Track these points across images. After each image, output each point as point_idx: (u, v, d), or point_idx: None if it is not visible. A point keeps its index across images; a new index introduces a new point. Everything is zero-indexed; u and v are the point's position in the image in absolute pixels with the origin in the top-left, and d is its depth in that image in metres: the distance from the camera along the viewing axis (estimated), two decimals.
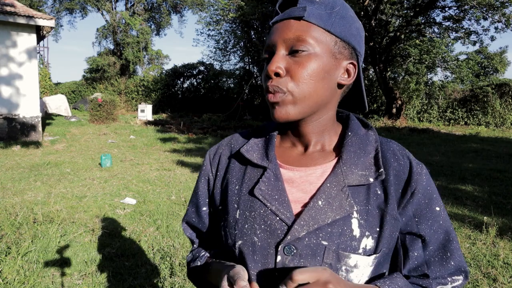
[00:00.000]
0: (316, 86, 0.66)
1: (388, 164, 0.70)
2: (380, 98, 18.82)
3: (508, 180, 6.06)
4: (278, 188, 0.69)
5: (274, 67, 0.65)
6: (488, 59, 26.08)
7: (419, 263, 0.69)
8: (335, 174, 0.68)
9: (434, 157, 8.31)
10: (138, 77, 24.22)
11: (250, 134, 0.82)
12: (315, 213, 0.65)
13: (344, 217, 0.65)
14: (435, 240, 0.69)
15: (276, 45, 0.67)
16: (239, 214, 0.71)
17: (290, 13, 0.67)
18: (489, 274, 2.93)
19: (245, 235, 0.69)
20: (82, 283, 2.74)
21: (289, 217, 0.66)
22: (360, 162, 0.69)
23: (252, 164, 0.75)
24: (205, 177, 0.82)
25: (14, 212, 4.12)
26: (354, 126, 0.74)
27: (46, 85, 19.66)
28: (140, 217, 4.19)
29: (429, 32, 17.12)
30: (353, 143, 0.71)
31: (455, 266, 0.69)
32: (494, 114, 16.58)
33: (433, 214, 0.69)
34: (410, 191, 0.69)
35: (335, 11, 0.67)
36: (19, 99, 9.84)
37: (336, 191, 0.66)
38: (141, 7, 28.51)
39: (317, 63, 0.65)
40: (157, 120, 16.26)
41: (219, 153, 0.82)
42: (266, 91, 0.68)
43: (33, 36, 9.83)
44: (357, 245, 0.65)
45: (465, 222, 4.11)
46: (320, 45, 0.65)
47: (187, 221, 0.88)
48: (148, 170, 6.67)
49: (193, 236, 0.88)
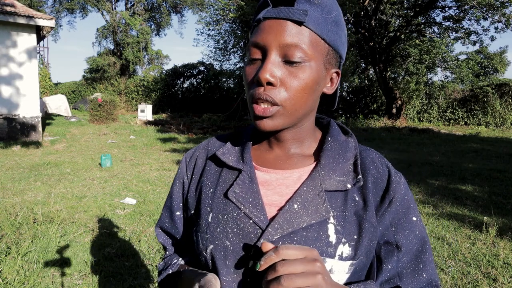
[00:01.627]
0: (307, 99, 0.64)
1: (367, 172, 0.69)
2: (380, 98, 18.82)
3: (508, 180, 6.06)
4: (252, 191, 0.67)
5: (267, 74, 0.60)
6: (488, 59, 26.10)
7: (391, 275, 0.67)
8: (313, 178, 0.66)
9: (434, 157, 8.31)
10: (138, 77, 24.22)
11: (228, 137, 0.80)
12: (290, 216, 0.63)
13: (320, 222, 0.63)
14: (409, 251, 0.67)
15: (270, 48, 0.61)
16: (212, 217, 0.69)
17: (289, 14, 0.61)
18: (489, 274, 2.93)
19: (216, 239, 0.66)
20: (82, 283, 2.74)
21: (262, 220, 0.64)
22: (338, 168, 0.67)
23: (227, 167, 0.73)
24: (180, 181, 0.80)
25: (14, 212, 4.12)
26: (334, 132, 0.73)
27: (46, 85, 19.66)
28: (140, 217, 4.19)
29: (429, 32, 17.12)
30: (332, 148, 0.70)
31: (427, 279, 0.67)
32: (494, 114, 16.59)
33: (410, 224, 0.68)
34: (388, 199, 0.67)
35: (331, 17, 0.64)
36: (19, 99, 9.84)
37: (312, 195, 0.65)
38: (141, 7, 28.52)
39: (311, 76, 0.63)
40: (157, 120, 16.26)
41: (196, 156, 0.80)
42: (253, 99, 0.63)
43: (33, 36, 9.83)
44: (333, 251, 0.63)
45: (465, 222, 4.11)
46: (316, 55, 0.63)
47: (160, 226, 0.85)
48: (148, 170, 6.67)
49: (167, 242, 0.85)
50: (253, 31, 0.66)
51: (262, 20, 0.64)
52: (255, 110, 0.63)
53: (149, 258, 3.16)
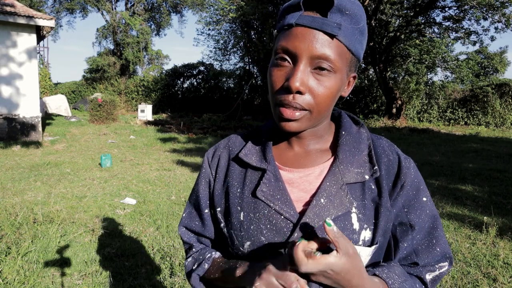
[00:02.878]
0: (330, 104, 0.69)
1: (380, 160, 0.74)
2: (380, 98, 18.81)
3: (508, 180, 6.06)
4: (279, 188, 0.71)
5: (298, 83, 0.63)
6: (488, 59, 26.10)
7: (408, 252, 0.73)
8: (333, 173, 0.71)
9: (434, 157, 8.31)
10: (138, 77, 24.21)
11: (247, 136, 0.83)
12: (319, 210, 0.68)
13: (344, 213, 0.69)
14: (422, 229, 0.73)
15: (301, 57, 0.63)
16: (243, 216, 0.73)
17: (323, 26, 0.62)
18: (489, 274, 2.93)
19: (252, 236, 0.71)
20: (82, 283, 2.74)
21: (293, 215, 0.69)
22: (355, 160, 0.72)
23: (251, 167, 0.76)
24: (206, 180, 0.83)
25: (14, 212, 4.12)
26: (346, 125, 0.77)
27: (46, 85, 19.66)
28: (140, 217, 4.19)
29: (429, 32, 17.12)
30: (347, 142, 0.74)
31: (441, 252, 0.74)
32: (494, 114, 16.58)
33: (421, 204, 0.74)
34: (400, 184, 0.73)
35: (359, 27, 0.66)
36: (19, 99, 9.84)
37: (335, 189, 0.70)
38: (141, 7, 28.50)
39: (336, 84, 0.66)
40: (157, 120, 16.26)
41: (218, 155, 0.83)
42: (282, 104, 0.66)
43: (33, 36, 9.83)
44: (357, 237, 0.69)
45: (465, 222, 4.11)
46: (342, 65, 0.66)
47: (185, 225, 0.87)
48: (148, 170, 6.67)
49: (193, 240, 0.86)
50: (281, 33, 0.67)
51: (294, 26, 0.64)
52: (283, 113, 0.66)
53: (149, 258, 3.16)
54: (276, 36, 0.69)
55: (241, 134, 0.85)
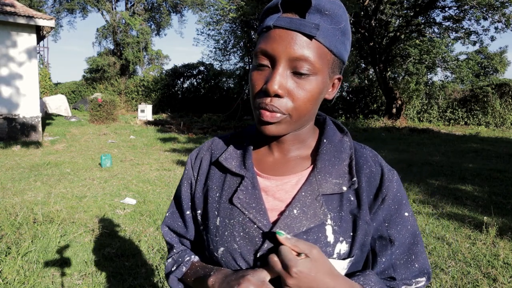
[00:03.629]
0: (312, 108, 0.66)
1: (361, 171, 0.71)
2: (380, 98, 18.81)
3: (508, 180, 6.06)
4: (255, 197, 0.70)
5: (276, 86, 0.61)
6: (488, 59, 26.11)
7: (386, 266, 0.72)
8: (310, 183, 0.69)
9: (434, 157, 8.31)
10: (138, 77, 24.21)
11: (229, 139, 0.82)
12: (290, 221, 0.67)
13: (318, 225, 0.67)
14: (402, 244, 0.71)
15: (279, 59, 0.62)
16: (219, 221, 0.72)
17: (301, 27, 0.61)
18: (489, 274, 2.93)
19: (226, 242, 0.71)
20: (82, 283, 2.74)
21: (265, 224, 0.68)
22: (334, 170, 0.70)
23: (231, 172, 0.75)
24: (188, 181, 0.82)
25: (14, 212, 4.12)
26: (329, 132, 0.75)
27: (46, 85, 19.66)
28: (140, 217, 4.19)
29: (429, 32, 17.12)
30: (328, 151, 0.72)
31: (419, 268, 0.72)
32: (494, 114, 16.58)
33: (402, 219, 0.71)
34: (381, 197, 0.70)
35: (340, 27, 0.64)
36: (19, 99, 9.84)
37: (310, 199, 0.68)
38: (141, 7, 28.50)
39: (317, 87, 0.64)
40: (157, 120, 16.26)
41: (200, 158, 0.82)
42: (260, 107, 0.64)
43: (33, 36, 9.83)
44: (332, 250, 0.67)
45: (465, 222, 4.11)
46: (323, 67, 0.64)
47: (168, 225, 0.86)
48: (148, 170, 6.67)
49: (174, 240, 0.86)
50: (261, 36, 0.66)
51: (272, 28, 0.63)
52: (263, 115, 0.64)
53: (149, 258, 3.16)
54: (257, 39, 0.68)
55: (224, 137, 0.84)
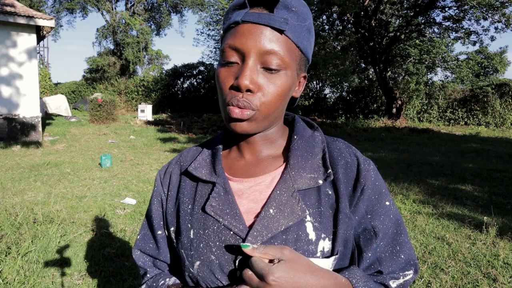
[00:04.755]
0: (281, 104, 0.65)
1: (336, 163, 0.70)
2: (380, 98, 18.82)
3: (508, 180, 6.06)
4: (228, 202, 0.68)
5: (247, 81, 0.60)
6: (488, 59, 26.11)
7: (371, 261, 0.69)
8: (284, 180, 0.67)
9: (434, 157, 8.31)
10: (138, 77, 24.22)
11: (197, 149, 0.80)
12: (267, 222, 0.64)
13: (297, 223, 0.64)
14: (385, 235, 0.69)
15: (249, 54, 0.61)
16: (193, 233, 0.69)
17: (270, 21, 0.60)
18: (489, 274, 2.93)
19: (202, 255, 0.67)
20: (82, 283, 2.74)
21: (242, 229, 0.65)
22: (308, 165, 0.68)
23: (201, 181, 0.73)
24: (158, 199, 0.79)
25: (14, 212, 4.12)
26: (299, 128, 0.73)
27: (46, 85, 19.67)
28: (140, 217, 4.19)
29: (429, 32, 17.13)
30: (299, 147, 0.70)
31: (405, 259, 0.69)
32: (494, 114, 16.59)
33: (384, 209, 0.69)
34: (360, 188, 0.68)
35: (306, 24, 0.64)
36: (19, 99, 9.84)
37: (286, 197, 0.65)
38: (141, 7, 28.51)
39: (287, 82, 0.63)
40: (157, 120, 16.26)
41: (169, 172, 0.79)
42: (230, 104, 0.62)
43: (33, 36, 9.83)
44: (315, 248, 0.64)
45: (465, 222, 4.11)
46: (291, 62, 0.63)
47: (139, 248, 0.81)
48: (148, 170, 6.67)
49: (147, 265, 0.81)
50: (227, 32, 0.65)
51: (240, 23, 0.62)
52: (231, 112, 0.62)
53: None
54: (223, 36, 0.67)
55: (194, 148, 0.82)
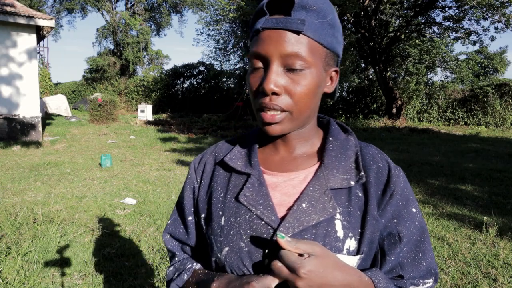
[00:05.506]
0: (311, 102, 0.67)
1: (368, 167, 0.72)
2: (380, 98, 18.81)
3: (508, 180, 6.06)
4: (262, 193, 0.70)
5: (272, 85, 0.63)
6: (488, 59, 26.12)
7: (393, 265, 0.71)
8: (318, 177, 0.70)
9: (434, 157, 8.31)
10: (138, 77, 24.22)
11: (234, 141, 0.83)
12: (299, 215, 0.67)
13: (327, 219, 0.67)
14: (410, 241, 0.71)
15: (271, 58, 0.64)
16: (224, 220, 0.72)
17: (287, 24, 0.63)
18: (489, 274, 2.93)
19: (231, 241, 0.70)
20: (82, 283, 2.74)
21: (274, 220, 0.68)
22: (341, 166, 0.71)
23: (236, 172, 0.76)
24: (190, 186, 0.82)
25: (14, 212, 4.12)
26: (334, 131, 0.76)
27: (46, 85, 19.67)
28: (140, 217, 4.19)
29: (429, 32, 17.12)
30: (334, 148, 0.73)
31: (427, 267, 0.71)
32: (494, 114, 16.58)
33: (411, 215, 0.72)
34: (389, 192, 0.71)
35: (327, 20, 0.66)
36: (19, 99, 9.84)
37: (319, 194, 0.68)
38: (141, 7, 28.51)
39: (313, 80, 0.65)
40: (157, 120, 16.26)
41: (204, 162, 0.82)
42: (260, 109, 0.66)
43: (33, 36, 9.83)
44: (341, 245, 0.67)
45: (465, 222, 4.11)
46: (315, 60, 0.65)
47: (169, 232, 0.85)
48: (148, 170, 6.67)
49: (176, 248, 0.85)
50: (252, 40, 0.68)
51: (261, 30, 0.65)
52: (264, 117, 0.66)
53: (149, 258, 3.16)
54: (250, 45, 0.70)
55: (229, 140, 0.85)
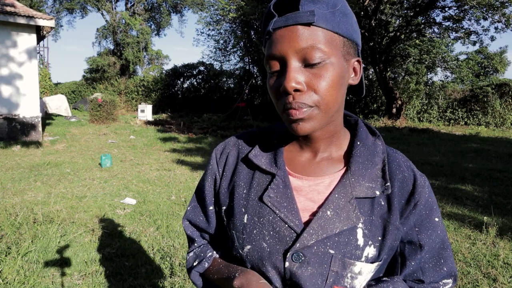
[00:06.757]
0: (337, 95, 0.65)
1: (394, 177, 0.72)
2: (380, 98, 18.81)
3: (508, 180, 6.06)
4: (287, 196, 0.70)
5: (293, 83, 0.61)
6: (488, 59, 26.09)
7: (414, 269, 0.72)
8: (343, 185, 0.69)
9: (434, 157, 8.31)
10: (138, 77, 24.21)
11: (257, 135, 0.81)
12: (324, 222, 0.67)
13: (350, 228, 0.67)
14: (431, 249, 0.72)
15: (287, 56, 0.62)
16: (247, 219, 0.72)
17: (297, 18, 0.61)
18: (489, 274, 2.93)
19: (253, 240, 0.70)
20: (82, 283, 2.74)
21: (298, 224, 0.68)
22: (367, 174, 0.70)
23: (260, 170, 0.74)
24: (212, 176, 0.81)
25: (14, 212, 4.12)
26: (362, 134, 0.74)
27: (46, 85, 19.67)
28: (140, 217, 4.19)
29: (429, 32, 17.12)
30: (361, 154, 0.71)
31: (447, 271, 0.73)
32: (494, 114, 16.58)
33: (433, 225, 0.72)
34: (413, 202, 0.71)
35: (338, 9, 0.64)
36: (19, 99, 9.84)
37: (344, 202, 0.68)
38: (141, 7, 28.51)
39: (335, 71, 0.63)
40: (157, 120, 16.26)
41: (226, 153, 0.81)
42: (286, 108, 0.64)
43: (33, 36, 9.83)
44: (360, 253, 0.67)
45: (465, 222, 4.11)
46: (333, 50, 0.63)
47: (189, 219, 0.85)
48: (148, 170, 6.67)
49: (196, 234, 0.85)
50: (265, 44, 0.67)
51: (272, 32, 0.64)
52: (291, 114, 0.63)
53: (149, 258, 3.16)
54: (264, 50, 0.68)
55: (251, 132, 0.83)
